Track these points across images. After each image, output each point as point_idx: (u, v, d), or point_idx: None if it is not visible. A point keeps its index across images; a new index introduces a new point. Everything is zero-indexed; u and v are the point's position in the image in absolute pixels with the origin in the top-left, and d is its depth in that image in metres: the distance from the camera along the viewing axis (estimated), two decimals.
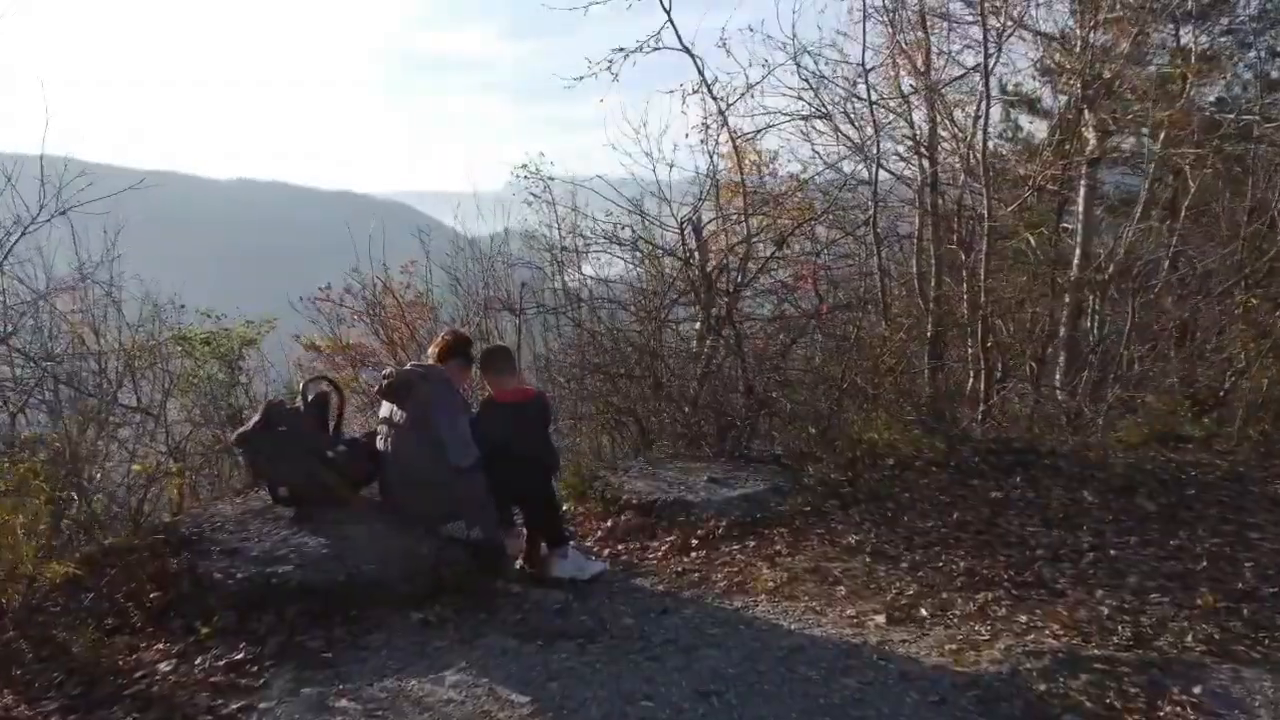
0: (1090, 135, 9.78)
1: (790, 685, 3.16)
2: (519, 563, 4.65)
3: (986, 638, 3.51)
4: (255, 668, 3.35)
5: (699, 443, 6.68)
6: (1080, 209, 10.15)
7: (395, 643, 3.58)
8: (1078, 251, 10.04)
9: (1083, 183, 10.05)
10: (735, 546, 4.75)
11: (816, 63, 8.44)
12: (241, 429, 4.36)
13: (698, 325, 7.70)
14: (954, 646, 3.44)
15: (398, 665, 3.37)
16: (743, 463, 6.01)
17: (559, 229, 7.45)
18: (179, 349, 6.12)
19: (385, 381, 4.29)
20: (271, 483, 4.35)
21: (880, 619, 3.74)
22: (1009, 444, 6.41)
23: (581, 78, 7.32)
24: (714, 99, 7.03)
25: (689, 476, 5.63)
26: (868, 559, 4.46)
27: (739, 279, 7.01)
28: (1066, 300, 10.02)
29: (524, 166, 7.38)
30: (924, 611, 3.81)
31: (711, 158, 6.80)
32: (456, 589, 4.05)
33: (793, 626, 3.72)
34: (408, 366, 4.47)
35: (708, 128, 6.82)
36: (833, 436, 6.55)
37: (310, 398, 4.38)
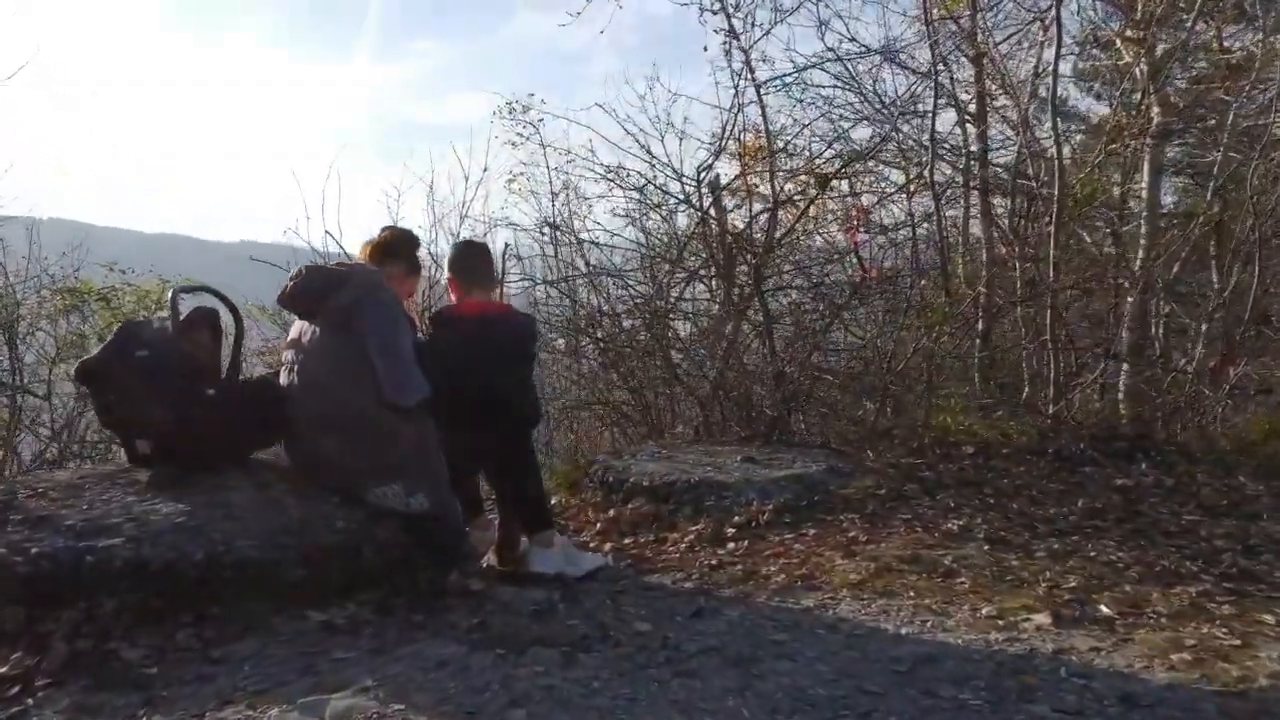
0: (1155, 114, 8.69)
1: (935, 715, 1.80)
2: (486, 560, 3.30)
3: (1236, 643, 2.15)
4: (18, 688, 1.99)
5: (720, 432, 5.36)
6: (1144, 194, 8.98)
7: (272, 653, 2.22)
8: (1142, 244, 8.85)
9: (1146, 163, 8.90)
10: (789, 535, 3.38)
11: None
12: (85, 357, 3.03)
13: (717, 306, 6.43)
14: (1187, 656, 2.08)
15: (262, 684, 2.01)
16: (782, 446, 4.68)
17: (550, 177, 6.22)
18: (64, 304, 4.81)
19: (291, 283, 2.98)
20: (126, 434, 3.02)
21: (1042, 618, 2.37)
22: (1115, 430, 5.11)
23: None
24: (733, 30, 5.88)
25: (716, 458, 4.29)
26: (986, 546, 3.10)
27: (766, 239, 5.75)
28: (1130, 301, 8.80)
29: (507, 104, 6.18)
30: (1105, 609, 2.45)
31: (737, 87, 5.59)
32: (383, 581, 2.70)
33: (904, 630, 2.36)
34: (329, 265, 3.15)
35: (731, 46, 5.64)
36: (885, 423, 5.23)
37: (184, 314, 3.07)
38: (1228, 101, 8.63)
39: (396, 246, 3.20)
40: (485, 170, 5.51)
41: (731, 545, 3.33)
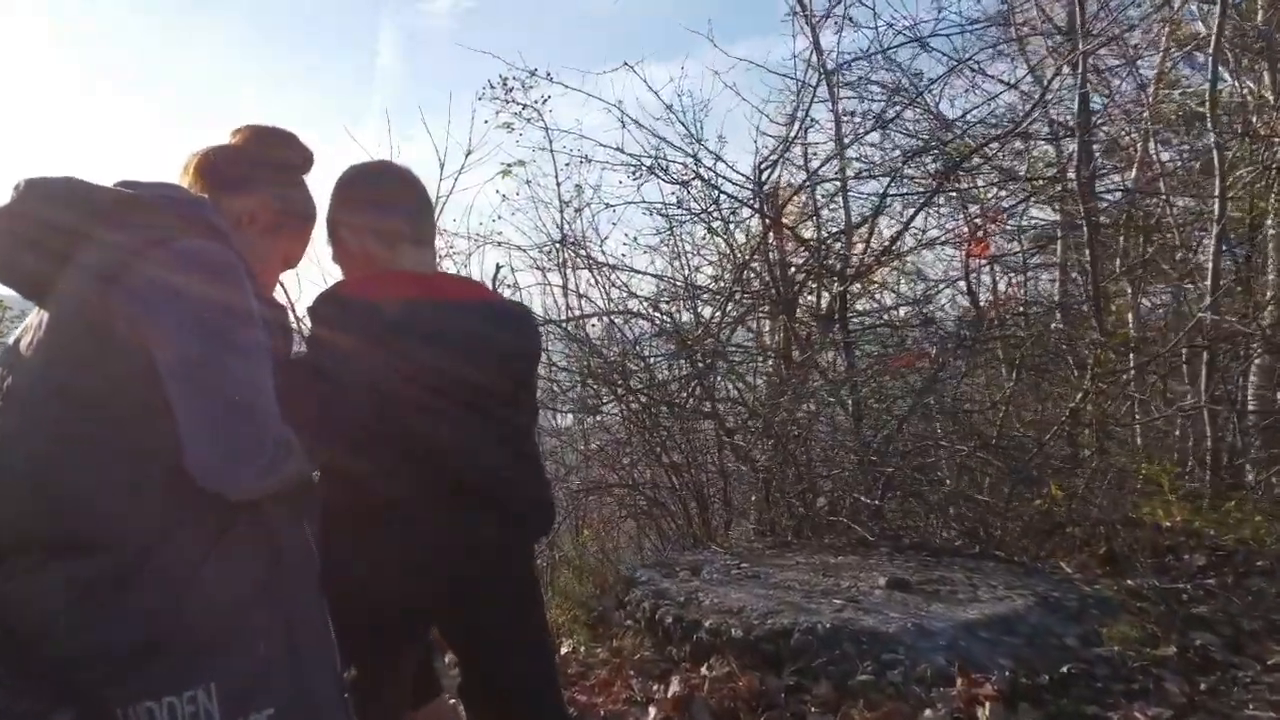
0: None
1: None
2: None
3: None
4: None
5: (788, 527, 3.70)
6: (1270, 244, 7.48)
7: None
8: (1270, 295, 7.32)
9: (1273, 198, 7.45)
10: None
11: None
12: None
13: (774, 355, 4.82)
14: None
15: None
16: (926, 555, 2.99)
17: (557, 177, 4.66)
18: None
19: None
20: None
21: None
22: None
23: None
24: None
25: (837, 578, 2.59)
26: None
27: (853, 260, 4.17)
28: (1257, 364, 7.23)
29: (503, 81, 4.59)
30: None
31: (810, 60, 4.03)
32: None
33: None
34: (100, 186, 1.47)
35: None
36: (1055, 515, 3.56)
37: None
38: None
39: (252, 158, 1.51)
40: (469, 154, 3.92)
41: None
